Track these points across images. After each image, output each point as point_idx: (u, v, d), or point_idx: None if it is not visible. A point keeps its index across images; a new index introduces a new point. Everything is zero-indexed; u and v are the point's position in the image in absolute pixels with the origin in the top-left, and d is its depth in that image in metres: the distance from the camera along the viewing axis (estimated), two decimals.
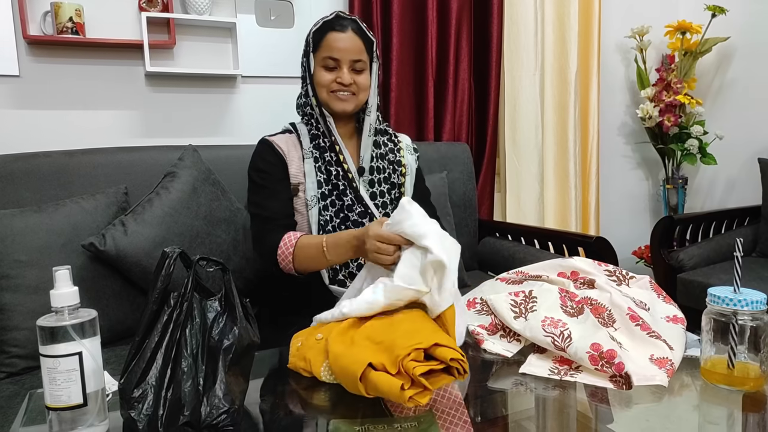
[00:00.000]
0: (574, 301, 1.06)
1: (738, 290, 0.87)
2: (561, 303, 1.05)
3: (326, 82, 1.31)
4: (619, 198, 2.92)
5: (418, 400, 0.81)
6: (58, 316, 0.74)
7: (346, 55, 1.31)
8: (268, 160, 1.35)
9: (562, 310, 1.04)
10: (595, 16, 2.59)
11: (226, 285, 0.82)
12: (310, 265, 1.24)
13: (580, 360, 0.92)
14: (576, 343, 0.93)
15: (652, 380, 0.87)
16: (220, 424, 0.76)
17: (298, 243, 1.23)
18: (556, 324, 0.98)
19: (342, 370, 0.86)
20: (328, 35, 1.31)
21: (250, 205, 1.37)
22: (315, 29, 1.34)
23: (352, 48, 1.31)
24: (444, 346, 0.86)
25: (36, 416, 0.84)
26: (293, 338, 1.04)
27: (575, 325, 0.99)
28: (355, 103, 1.34)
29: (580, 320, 1.01)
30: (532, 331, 0.99)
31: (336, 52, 1.30)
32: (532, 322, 1.00)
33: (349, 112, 1.35)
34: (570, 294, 1.07)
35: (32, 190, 1.54)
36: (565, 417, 0.84)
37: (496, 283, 1.21)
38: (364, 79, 1.34)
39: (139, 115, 1.99)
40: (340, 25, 1.32)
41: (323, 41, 1.32)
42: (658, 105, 2.65)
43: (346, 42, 1.31)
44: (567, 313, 1.03)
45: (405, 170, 1.43)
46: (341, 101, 1.32)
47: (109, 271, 1.43)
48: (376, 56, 1.37)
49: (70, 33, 1.78)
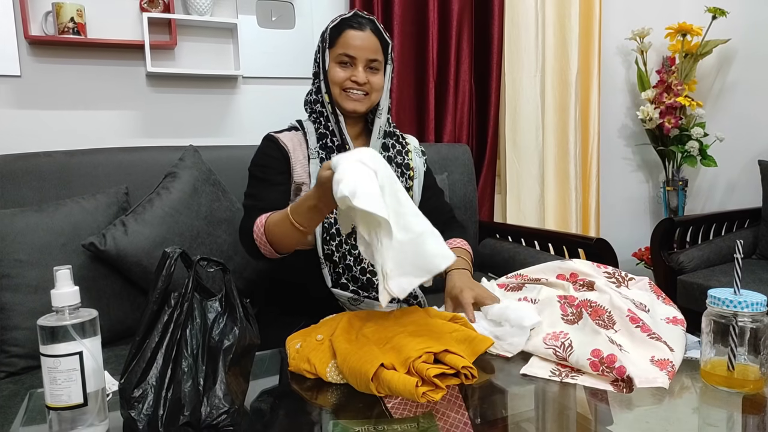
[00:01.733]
0: (573, 306, 1.06)
1: (738, 292, 0.87)
2: (562, 313, 1.05)
3: (340, 80, 1.29)
4: (620, 200, 2.93)
5: (432, 396, 0.83)
6: (59, 316, 0.74)
7: (363, 54, 1.29)
8: (271, 155, 1.32)
9: (563, 321, 1.04)
10: (595, 18, 2.59)
11: (227, 285, 0.83)
12: (284, 240, 1.14)
13: (582, 367, 0.92)
14: (577, 351, 0.94)
15: (654, 382, 0.87)
16: (220, 424, 0.76)
17: (267, 221, 1.16)
18: (557, 336, 0.99)
19: (352, 370, 0.87)
20: (345, 32, 1.29)
21: (245, 199, 1.30)
22: (332, 26, 1.31)
23: (369, 47, 1.29)
24: (454, 354, 0.89)
25: (36, 416, 0.84)
26: (288, 340, 1.04)
27: (575, 333, 0.99)
28: (367, 104, 1.32)
29: (579, 326, 1.02)
30: (534, 347, 0.99)
31: (352, 49, 1.28)
32: (534, 339, 1.01)
33: (361, 112, 1.32)
34: (569, 299, 1.07)
35: (33, 190, 1.54)
36: (565, 418, 0.84)
37: (494, 288, 1.21)
38: (379, 79, 1.32)
39: (140, 115, 1.99)
40: (358, 23, 1.30)
41: (340, 38, 1.29)
42: (658, 107, 2.65)
43: (363, 40, 1.28)
44: (568, 322, 1.04)
45: (413, 173, 1.41)
46: (353, 101, 1.30)
47: (109, 271, 1.43)
48: (390, 58, 1.35)
49: (72, 33, 1.78)
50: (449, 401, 0.85)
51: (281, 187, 1.30)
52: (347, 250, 1.32)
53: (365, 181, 0.89)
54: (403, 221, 0.92)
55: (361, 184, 0.88)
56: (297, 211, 1.07)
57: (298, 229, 1.08)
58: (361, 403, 0.85)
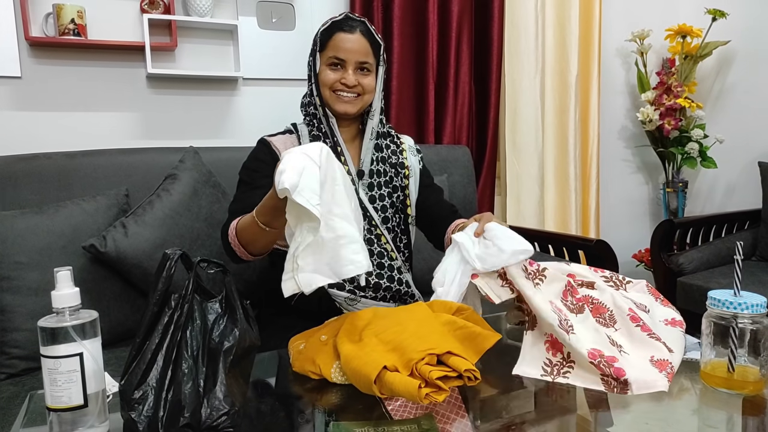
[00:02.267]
0: (575, 298, 1.05)
1: (738, 294, 0.87)
2: (562, 297, 1.04)
3: (330, 82, 1.30)
4: (619, 201, 2.93)
5: (435, 398, 0.82)
6: (59, 317, 0.74)
7: (353, 56, 1.30)
8: (260, 159, 1.33)
9: (561, 302, 1.03)
10: (595, 20, 2.60)
11: (227, 287, 0.83)
12: (255, 242, 1.14)
13: (579, 355, 0.91)
14: (578, 334, 0.93)
15: (654, 386, 0.87)
16: (221, 425, 0.76)
17: (238, 224, 1.16)
18: (561, 311, 0.98)
19: (354, 372, 0.87)
20: (335, 35, 1.30)
21: (230, 204, 1.29)
22: (323, 29, 1.32)
23: (359, 49, 1.30)
24: (457, 356, 0.89)
25: (36, 417, 0.84)
26: (291, 341, 1.04)
27: (576, 324, 0.99)
28: (359, 106, 1.33)
29: (579, 319, 1.01)
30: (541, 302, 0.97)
31: (342, 52, 1.29)
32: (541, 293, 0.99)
33: (352, 114, 1.33)
34: (573, 290, 1.07)
35: (33, 192, 1.54)
36: (565, 420, 0.84)
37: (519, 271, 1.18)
38: (370, 81, 1.33)
39: (140, 116, 1.99)
40: (349, 25, 1.31)
41: (330, 41, 1.31)
42: (658, 108, 2.65)
43: (353, 43, 1.30)
44: (567, 307, 1.03)
45: (408, 172, 1.42)
46: (344, 102, 1.31)
47: (109, 273, 1.43)
48: (383, 59, 1.36)
49: (72, 35, 1.78)
50: (449, 403, 0.85)
51: (265, 189, 1.28)
52: None
53: (306, 174, 0.89)
54: (331, 221, 0.93)
55: (302, 177, 0.88)
56: (260, 212, 1.06)
57: (264, 230, 1.06)
58: (361, 405, 0.85)
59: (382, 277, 1.34)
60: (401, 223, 1.41)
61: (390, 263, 1.35)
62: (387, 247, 1.36)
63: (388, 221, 1.38)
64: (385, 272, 1.34)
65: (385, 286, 1.33)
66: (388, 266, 1.35)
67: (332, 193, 0.94)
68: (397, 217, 1.40)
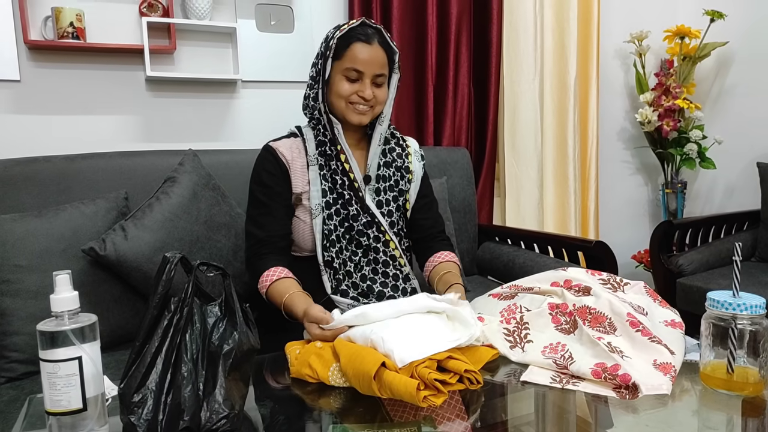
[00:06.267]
0: (566, 314, 1.05)
1: (737, 295, 0.87)
2: (555, 324, 1.05)
3: (346, 93, 1.28)
4: (619, 202, 2.93)
5: (433, 401, 0.83)
6: (58, 321, 0.74)
7: (370, 69, 1.27)
8: (270, 172, 1.32)
9: (558, 332, 1.04)
10: (594, 22, 2.60)
11: (227, 290, 0.83)
12: (275, 303, 1.25)
13: (584, 375, 0.92)
14: (578, 362, 0.94)
15: (659, 389, 0.87)
16: (220, 429, 0.76)
17: (272, 285, 1.24)
18: (556, 349, 0.99)
19: (355, 370, 0.87)
20: (353, 45, 1.26)
21: (248, 220, 1.35)
22: (340, 35, 1.27)
23: (377, 61, 1.28)
24: (457, 359, 0.89)
25: (36, 421, 0.84)
26: (288, 346, 1.04)
27: (573, 343, 1.00)
28: (371, 116, 1.32)
29: (575, 336, 1.02)
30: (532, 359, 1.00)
31: (360, 64, 1.26)
32: (530, 354, 1.01)
33: (365, 124, 1.33)
34: (561, 307, 1.07)
35: (33, 195, 1.54)
36: (565, 422, 0.84)
37: (488, 299, 1.21)
38: (383, 92, 1.31)
39: (139, 120, 1.99)
40: (366, 35, 1.27)
41: (348, 51, 1.27)
42: (657, 110, 2.65)
43: (371, 55, 1.27)
44: (563, 332, 1.04)
45: (412, 177, 1.41)
46: (359, 114, 1.29)
47: (109, 276, 1.43)
48: (397, 67, 1.34)
49: (71, 38, 1.78)
50: (450, 406, 0.85)
51: (280, 212, 1.33)
52: (347, 257, 1.32)
53: (398, 338, 0.94)
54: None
55: (398, 344, 0.92)
56: (288, 308, 1.18)
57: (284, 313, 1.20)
58: (361, 408, 0.85)
59: (387, 285, 1.33)
60: (404, 227, 1.41)
61: (395, 272, 1.35)
62: (395, 254, 1.35)
63: (394, 226, 1.37)
64: (390, 281, 1.34)
65: (389, 295, 1.33)
66: (393, 275, 1.35)
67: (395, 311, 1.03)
68: (401, 222, 1.40)
